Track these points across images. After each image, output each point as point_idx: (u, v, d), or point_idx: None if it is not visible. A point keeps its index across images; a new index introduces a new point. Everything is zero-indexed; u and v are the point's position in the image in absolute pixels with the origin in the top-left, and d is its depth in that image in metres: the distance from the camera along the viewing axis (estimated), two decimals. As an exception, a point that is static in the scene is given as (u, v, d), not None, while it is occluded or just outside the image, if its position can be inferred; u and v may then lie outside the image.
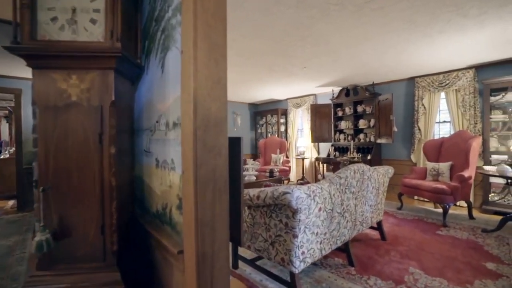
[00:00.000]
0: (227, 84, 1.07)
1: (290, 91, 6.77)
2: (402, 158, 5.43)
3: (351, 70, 4.73)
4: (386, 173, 2.89)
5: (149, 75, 1.43)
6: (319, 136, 6.41)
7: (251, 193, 1.98)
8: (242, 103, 8.51)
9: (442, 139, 4.41)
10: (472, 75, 4.45)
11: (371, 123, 5.66)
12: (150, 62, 1.42)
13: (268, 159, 7.03)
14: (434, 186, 3.64)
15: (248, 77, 5.13)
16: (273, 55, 3.85)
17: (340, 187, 2.11)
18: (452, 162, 4.02)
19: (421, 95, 5.04)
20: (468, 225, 3.55)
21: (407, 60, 4.16)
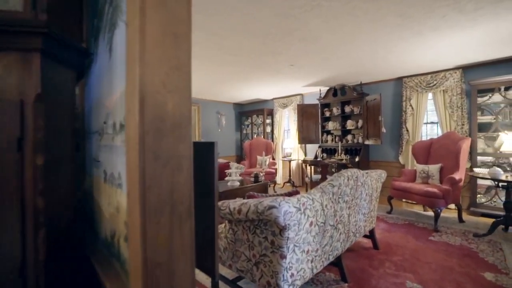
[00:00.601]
0: (191, 72, 0.79)
1: (276, 91, 6.54)
2: (390, 159, 5.33)
3: (340, 69, 4.56)
4: (379, 178, 2.69)
5: (98, 63, 1.12)
6: (306, 137, 6.22)
7: (232, 206, 1.70)
8: (226, 103, 8.21)
9: (431, 141, 4.32)
10: (459, 75, 4.39)
11: (359, 124, 5.53)
12: (99, 46, 1.11)
13: (254, 161, 6.77)
14: (425, 190, 3.51)
15: (232, 75, 4.85)
16: (259, 52, 3.59)
17: (333, 197, 1.87)
18: (442, 164, 3.92)
19: (409, 95, 4.95)
20: (459, 229, 3.44)
21: (396, 59, 4.02)
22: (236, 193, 3.19)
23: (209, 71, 4.56)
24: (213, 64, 4.11)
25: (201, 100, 7.52)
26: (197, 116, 7.39)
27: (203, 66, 4.22)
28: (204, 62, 4.02)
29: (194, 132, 7.33)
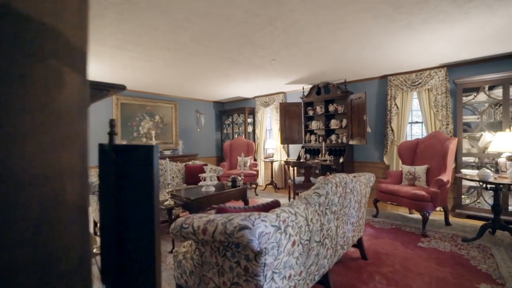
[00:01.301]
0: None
1: (258, 89, 6.24)
2: (375, 160, 5.18)
3: (324, 65, 4.32)
4: (368, 182, 2.45)
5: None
6: (288, 137, 5.97)
7: (196, 223, 1.37)
8: (206, 101, 7.80)
9: (416, 141, 4.18)
10: (444, 74, 4.29)
11: (343, 123, 5.34)
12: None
13: (234, 163, 6.44)
14: (412, 192, 3.33)
15: (209, 69, 4.48)
16: (237, 43, 3.26)
17: (320, 208, 1.58)
18: (428, 165, 3.78)
19: (394, 94, 4.81)
20: (447, 233, 3.29)
21: (382, 56, 3.84)
22: (210, 200, 2.85)
23: (182, 64, 4.17)
24: (186, 55, 3.73)
25: (178, 97, 7.07)
26: (173, 114, 6.94)
27: (175, 58, 3.83)
28: (176, 55, 3.63)
29: (171, 132, 6.88)
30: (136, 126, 6.20)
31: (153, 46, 3.28)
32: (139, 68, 4.23)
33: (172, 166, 4.38)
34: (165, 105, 6.76)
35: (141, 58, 3.74)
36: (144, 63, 4.00)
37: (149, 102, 6.43)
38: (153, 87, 5.88)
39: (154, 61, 3.92)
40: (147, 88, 5.98)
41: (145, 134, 6.36)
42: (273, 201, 1.63)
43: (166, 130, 6.81)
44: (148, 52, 3.52)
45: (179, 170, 4.44)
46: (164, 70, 4.40)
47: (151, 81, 5.30)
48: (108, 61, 3.86)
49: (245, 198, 3.32)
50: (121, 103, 5.92)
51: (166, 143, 6.81)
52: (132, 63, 3.96)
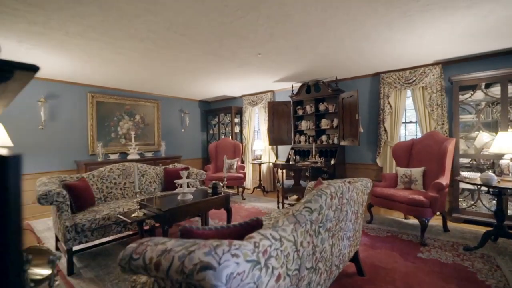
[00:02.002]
0: None
1: (245, 87, 5.90)
2: (367, 161, 4.94)
3: (313, 60, 4.04)
4: (365, 189, 2.16)
5: None
6: (277, 138, 5.66)
7: (149, 254, 1.02)
8: (191, 100, 7.40)
9: (411, 141, 3.95)
10: (439, 71, 4.09)
11: (334, 123, 5.08)
12: None
13: (220, 165, 6.07)
14: (410, 197, 3.07)
15: (191, 64, 4.11)
16: (217, 32, 2.92)
17: (312, 227, 1.27)
18: (425, 168, 3.54)
19: (387, 92, 4.58)
20: (447, 241, 3.05)
21: (376, 50, 3.58)
22: (186, 211, 2.48)
23: (159, 58, 3.79)
24: (162, 47, 3.35)
25: (160, 96, 6.65)
26: (155, 114, 6.51)
27: (150, 50, 3.45)
28: (150, 46, 3.25)
29: (152, 133, 6.45)
30: (114, 126, 5.75)
31: (122, 34, 2.89)
32: (111, 61, 3.81)
33: (149, 170, 3.98)
34: (146, 104, 6.33)
35: (110, 49, 3.34)
36: (115, 56, 3.59)
37: (128, 101, 5.98)
38: (132, 84, 5.45)
39: (127, 54, 3.52)
40: (126, 85, 5.54)
41: (124, 134, 5.91)
42: (254, 219, 1.30)
43: (148, 130, 6.38)
44: (117, 43, 3.12)
45: (158, 175, 4.05)
46: (141, 64, 4.00)
47: (129, 78, 4.88)
48: (77, 53, 3.43)
49: (228, 206, 2.97)
50: (97, 101, 5.46)
51: (148, 144, 6.38)
52: (101, 55, 3.55)
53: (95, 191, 3.27)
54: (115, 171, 3.56)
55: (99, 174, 3.42)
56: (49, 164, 4.75)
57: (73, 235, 2.46)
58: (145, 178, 3.83)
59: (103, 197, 3.32)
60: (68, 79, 4.85)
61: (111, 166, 3.62)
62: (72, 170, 5.05)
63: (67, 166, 5.01)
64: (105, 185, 3.40)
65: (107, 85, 5.50)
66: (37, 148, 4.62)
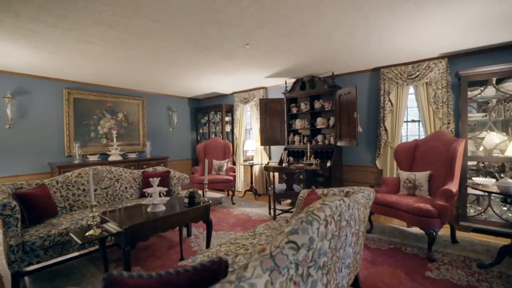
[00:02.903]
0: None
1: (235, 83, 5.51)
2: (366, 163, 4.58)
3: (308, 52, 3.66)
4: (368, 202, 1.79)
5: None
6: (270, 138, 5.28)
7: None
8: (180, 98, 6.99)
9: (415, 142, 3.60)
10: (445, 65, 3.74)
11: (330, 122, 4.72)
12: None
13: (209, 167, 5.68)
14: (416, 206, 2.72)
15: (173, 57, 3.71)
16: (197, 17, 2.53)
17: (298, 272, 0.89)
18: (431, 171, 3.19)
19: (387, 89, 4.22)
20: (457, 256, 2.70)
21: (376, 41, 3.22)
22: (156, 227, 2.08)
23: (136, 49, 3.39)
24: (136, 35, 2.95)
25: (146, 93, 6.23)
26: (140, 112, 6.09)
27: (123, 40, 3.04)
28: (123, 34, 2.85)
29: (137, 132, 6.03)
30: (94, 125, 5.32)
31: (85, 19, 2.48)
32: (82, 52, 3.40)
33: (125, 174, 3.57)
34: (130, 101, 5.91)
35: (76, 38, 2.92)
36: (85, 46, 3.18)
37: (110, 98, 5.56)
38: (114, 79, 5.03)
39: (98, 44, 3.11)
40: (107, 81, 5.12)
41: (105, 134, 5.49)
42: (215, 262, 0.91)
43: (132, 129, 5.96)
44: (83, 30, 2.71)
45: (135, 179, 3.65)
46: (118, 57, 3.59)
47: (109, 72, 4.46)
48: (38, 42, 3.01)
49: (207, 218, 2.58)
50: (74, 98, 5.02)
51: (132, 144, 5.97)
52: (67, 45, 3.13)
53: (58, 199, 2.86)
54: (84, 176, 3.16)
55: (65, 179, 3.01)
56: (17, 167, 4.32)
57: (19, 255, 2.06)
58: (120, 183, 3.43)
59: (68, 206, 2.91)
60: (39, 73, 4.42)
61: (80, 170, 3.21)
62: (45, 173, 4.62)
63: (40, 169, 4.58)
64: (71, 192, 2.99)
65: (86, 81, 5.07)
66: (4, 149, 4.19)
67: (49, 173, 4.63)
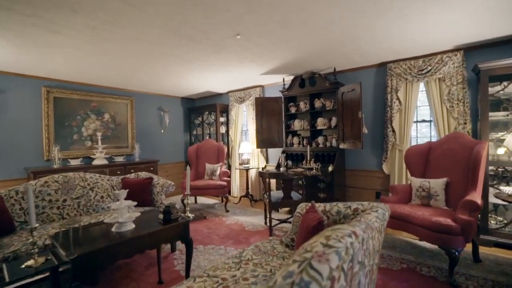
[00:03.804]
0: None
1: (230, 81, 5.12)
2: (371, 168, 4.18)
3: (306, 45, 3.27)
4: (383, 225, 1.39)
5: None
6: (266, 140, 4.89)
7: None
8: (172, 97, 6.60)
9: (429, 145, 3.20)
10: (461, 59, 3.34)
11: (332, 122, 4.32)
12: None
13: (202, 171, 5.29)
14: (434, 221, 2.31)
15: (156, 49, 3.33)
16: (175, 1, 2.14)
17: None
18: (448, 179, 2.79)
19: (395, 86, 3.82)
20: (483, 279, 2.29)
21: (383, 31, 2.83)
22: (117, 252, 1.67)
23: (111, 39, 3.01)
24: (108, 23, 2.56)
25: (135, 92, 5.84)
26: (129, 112, 5.70)
27: (92, 28, 2.65)
28: (92, 21, 2.46)
29: (125, 134, 5.64)
30: (77, 127, 4.94)
31: (44, 3, 2.09)
32: (54, 45, 3.01)
33: (102, 181, 3.18)
34: (117, 100, 5.52)
35: (41, 26, 2.53)
36: (54, 37, 2.79)
37: (95, 97, 5.17)
38: (99, 77, 4.66)
39: (67, 34, 2.72)
40: (91, 79, 4.75)
41: (90, 136, 5.10)
42: None
43: (120, 131, 5.58)
44: (45, 15, 2.33)
45: (114, 187, 3.26)
46: (95, 50, 3.20)
47: (92, 69, 4.08)
48: (1, 31, 2.64)
49: (187, 238, 2.18)
50: (54, 97, 4.64)
51: (120, 147, 5.58)
52: (33, 35, 2.74)
53: (17, 212, 2.47)
54: (51, 185, 2.76)
55: (26, 190, 2.62)
56: (-12, 172, 3.94)
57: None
58: (95, 192, 3.03)
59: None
60: (14, 70, 4.04)
61: (47, 178, 2.82)
62: (21, 179, 4.22)
63: (15, 174, 4.19)
64: (35, 203, 2.59)
65: (67, 79, 4.69)
66: (-28, 153, 3.80)
67: (25, 179, 4.24)
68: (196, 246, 3.22)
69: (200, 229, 3.83)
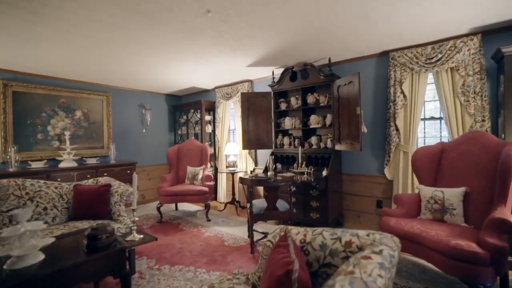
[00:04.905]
0: None
1: (216, 76, 4.60)
2: (371, 172, 3.64)
3: (293, 29, 2.74)
4: (389, 276, 0.85)
5: None
6: (253, 140, 4.35)
7: None
8: (155, 94, 6.07)
9: (441, 146, 2.66)
10: (478, 44, 2.81)
11: (327, 120, 3.79)
12: None
13: (183, 174, 4.75)
14: (453, 245, 1.78)
15: (117, 33, 2.80)
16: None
17: None
18: (467, 188, 2.25)
19: (399, 77, 3.29)
20: (516, 321, 1.76)
21: (384, 18, 2.29)
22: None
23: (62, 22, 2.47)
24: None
25: (112, 87, 5.31)
26: (105, 110, 5.17)
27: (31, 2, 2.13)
28: None
29: (101, 134, 5.11)
30: (43, 125, 4.40)
31: None
32: None
33: (47, 189, 2.64)
34: (91, 96, 4.99)
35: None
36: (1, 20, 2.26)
37: (65, 92, 4.64)
38: (65, 70, 4.15)
39: (9, 14, 2.20)
40: (59, 72, 4.24)
41: (58, 136, 4.56)
42: None
43: (94, 130, 5.04)
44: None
45: (63, 196, 2.72)
46: (46, 35, 2.66)
47: (54, 60, 3.56)
48: None
49: (122, 272, 1.64)
50: (14, 91, 4.11)
51: (94, 147, 5.04)
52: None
53: None
54: (-25, 195, 2.23)
55: None
56: None
57: None
58: (35, 202, 2.49)
59: None
60: (-40, 59, 3.51)
61: (-28, 186, 2.28)
62: (-28, 183, 3.69)
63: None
64: None
65: (29, 71, 4.16)
66: None
67: (-25, 184, 3.70)
68: (162, 266, 2.69)
69: (172, 243, 3.30)
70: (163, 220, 4.22)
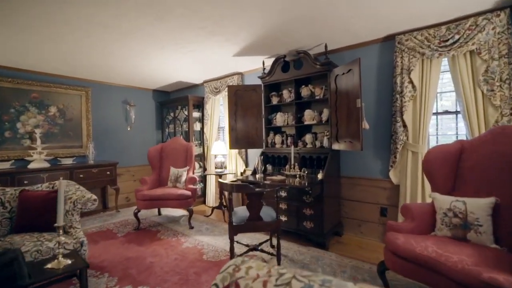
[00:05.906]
0: None
1: (202, 68, 4.15)
2: (374, 175, 3.16)
3: (280, 5, 2.27)
4: None
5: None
6: (242, 139, 3.89)
7: None
8: (141, 89, 5.64)
9: (459, 145, 2.17)
10: (505, 21, 2.32)
11: (323, 116, 3.31)
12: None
13: (166, 176, 4.31)
14: (486, 280, 1.30)
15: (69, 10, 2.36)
16: None
17: None
18: (497, 199, 1.77)
19: (407, 64, 2.80)
20: None
21: None
22: None
23: None
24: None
25: (92, 82, 4.90)
26: (84, 106, 4.76)
27: None
28: None
29: (79, 132, 4.70)
30: (11, 122, 3.99)
31: None
32: None
33: (-17, 196, 2.21)
34: (68, 91, 4.58)
35: None
36: None
37: (36, 86, 4.23)
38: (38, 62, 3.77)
39: None
40: (30, 64, 3.84)
41: (29, 134, 4.16)
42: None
43: (71, 128, 4.63)
44: None
45: (5, 203, 2.29)
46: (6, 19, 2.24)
47: (24, 51, 3.12)
48: None
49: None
50: (-24, 84, 3.71)
51: (71, 146, 4.64)
52: None
53: None
54: None
55: None
56: None
57: None
58: (-34, 212, 2.07)
59: None
60: None
61: None
62: None
63: None
64: None
65: None
66: None
67: None
68: (124, 287, 2.25)
69: (143, 256, 2.86)
70: (141, 227, 3.79)
